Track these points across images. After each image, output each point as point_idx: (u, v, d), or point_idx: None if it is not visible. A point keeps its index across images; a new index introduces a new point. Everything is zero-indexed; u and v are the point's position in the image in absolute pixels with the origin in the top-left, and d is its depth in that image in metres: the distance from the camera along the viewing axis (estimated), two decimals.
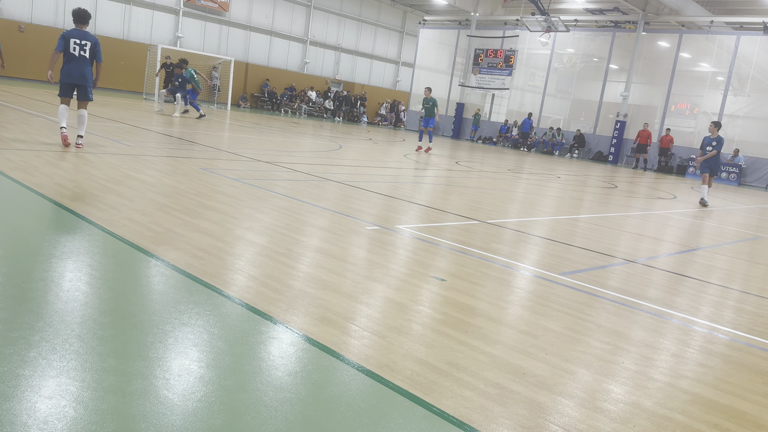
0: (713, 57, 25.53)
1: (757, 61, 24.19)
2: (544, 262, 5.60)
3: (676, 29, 26.71)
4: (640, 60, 26.97)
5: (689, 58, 26.22)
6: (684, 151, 25.39)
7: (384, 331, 3.26)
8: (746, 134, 24.37)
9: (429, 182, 11.23)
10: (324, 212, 6.40)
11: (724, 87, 24.64)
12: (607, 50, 28.08)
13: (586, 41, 29.40)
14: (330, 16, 36.09)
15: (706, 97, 25.68)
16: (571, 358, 3.25)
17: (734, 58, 24.26)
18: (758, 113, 24.23)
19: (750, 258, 7.50)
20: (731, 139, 24.29)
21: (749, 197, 17.99)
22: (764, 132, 23.79)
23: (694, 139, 25.58)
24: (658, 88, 26.80)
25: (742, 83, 24.57)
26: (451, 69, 34.14)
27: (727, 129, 24.64)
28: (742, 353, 3.73)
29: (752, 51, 24.06)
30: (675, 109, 26.32)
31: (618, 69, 28.29)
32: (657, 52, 27.08)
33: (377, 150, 17.08)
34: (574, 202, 11.23)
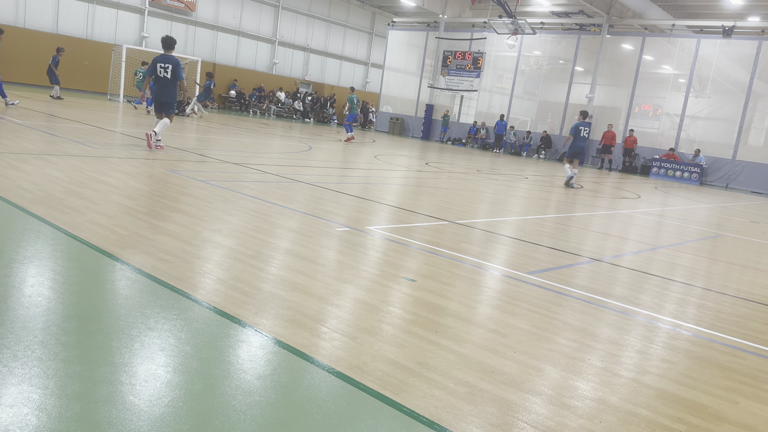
0: (675, 59, 26.18)
1: (716, 64, 24.88)
2: (512, 262, 5.67)
3: (639, 32, 27.32)
4: (604, 62, 27.50)
5: (652, 61, 26.84)
6: (648, 152, 25.97)
7: (354, 332, 3.26)
8: (707, 135, 25.05)
9: (399, 183, 11.26)
10: (294, 214, 6.36)
11: (685, 89, 25.29)
12: (573, 53, 28.57)
13: (552, 44, 29.84)
14: (299, 17, 35.94)
15: (668, 99, 26.32)
16: (539, 355, 3.30)
17: (695, 61, 24.92)
18: (718, 114, 24.93)
19: (711, 255, 7.71)
20: (693, 139, 24.95)
21: (710, 196, 18.50)
22: (724, 133, 24.48)
23: (657, 140, 26.19)
24: (623, 89, 27.37)
25: (702, 85, 25.25)
26: (420, 70, 34.30)
27: (689, 130, 25.31)
28: (703, 348, 3.84)
29: (712, 54, 24.74)
30: (639, 110, 26.91)
31: (583, 71, 28.79)
32: (621, 54, 27.65)
33: (347, 151, 17.06)
34: (541, 202, 11.39)
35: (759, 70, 23.53)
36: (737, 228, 11.10)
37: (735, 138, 23.99)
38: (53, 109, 15.82)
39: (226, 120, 23.21)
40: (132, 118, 17.25)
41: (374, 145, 21.77)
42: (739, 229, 11.02)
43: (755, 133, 24.65)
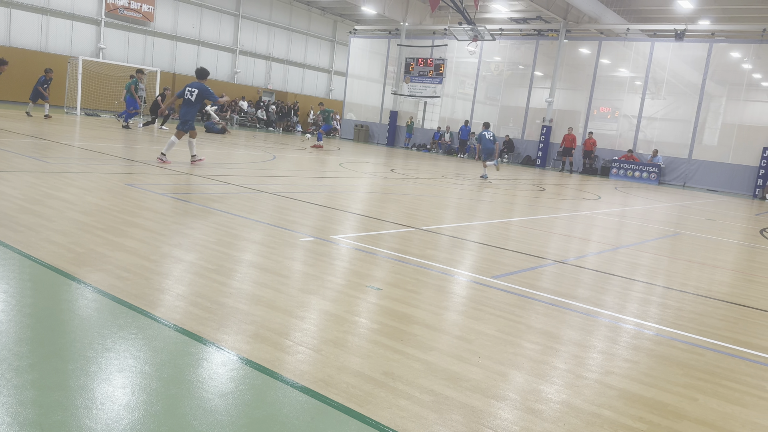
0: (631, 63, 26.86)
1: (670, 66, 25.62)
2: (477, 267, 5.71)
3: (595, 37, 27.95)
4: (563, 67, 28.04)
5: (609, 64, 27.48)
6: (607, 153, 26.54)
7: (319, 344, 3.22)
8: (664, 136, 25.73)
9: (365, 191, 11.25)
10: (257, 225, 6.29)
11: (641, 91, 25.95)
12: (532, 58, 29.06)
13: (511, 49, 30.31)
14: (259, 26, 35.72)
15: (625, 101, 26.97)
16: (504, 360, 3.31)
17: (650, 64, 25.60)
18: (674, 115, 25.65)
19: (671, 254, 7.90)
20: (650, 140, 25.60)
21: (669, 195, 18.98)
22: (680, 133, 25.19)
23: (616, 141, 26.80)
24: (581, 93, 27.95)
25: (658, 87, 25.96)
26: (383, 77, 34.43)
27: (646, 131, 25.96)
28: (664, 347, 3.92)
29: (666, 57, 25.46)
30: (597, 113, 27.51)
31: (543, 76, 29.31)
32: (579, 58, 28.24)
33: (312, 159, 16.99)
34: (505, 206, 11.52)
35: (711, 72, 24.31)
36: (695, 226, 11.41)
37: (690, 138, 24.71)
38: (4, 123, 15.36)
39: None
40: (90, 131, 16.86)
41: (339, 153, 21.74)
42: (697, 227, 11.33)
43: (709, 132, 25.44)
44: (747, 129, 24.11)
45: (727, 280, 6.59)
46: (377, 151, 25.81)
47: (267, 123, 34.83)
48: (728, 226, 12.02)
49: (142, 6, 29.76)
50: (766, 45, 23.32)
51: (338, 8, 37.67)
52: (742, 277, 6.90)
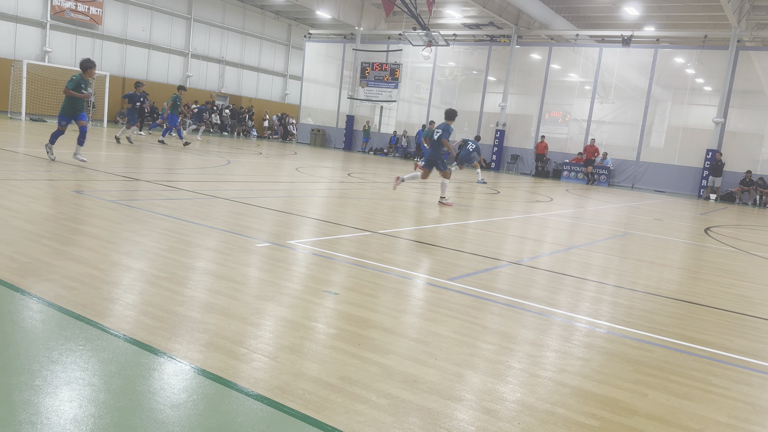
0: (580, 68, 27.59)
1: (618, 71, 26.42)
2: (434, 269, 5.74)
3: (546, 42, 28.60)
4: (515, 72, 28.59)
5: (559, 69, 28.15)
6: (558, 156, 27.17)
7: (275, 351, 3.18)
8: (613, 139, 26.50)
9: (322, 195, 11.20)
10: (211, 231, 6.18)
11: (591, 95, 26.68)
12: (485, 63, 29.52)
13: (465, 55, 30.73)
14: (212, 29, 35.20)
15: (576, 105, 27.67)
16: (460, 361, 3.34)
17: (598, 69, 26.34)
18: (622, 119, 26.46)
19: (621, 254, 8.12)
20: (599, 143, 26.34)
21: (618, 197, 19.55)
22: (628, 136, 25.99)
23: (567, 144, 27.45)
24: (533, 97, 28.54)
25: (606, 92, 26.73)
26: (339, 82, 34.40)
27: (596, 134, 26.68)
28: (615, 344, 4.02)
29: (614, 62, 26.25)
30: (549, 117, 28.14)
31: (496, 81, 29.80)
32: (530, 64, 28.84)
33: (268, 164, 16.82)
34: (462, 209, 11.64)
35: (656, 76, 25.19)
36: (643, 226, 11.77)
37: (638, 141, 25.52)
38: None
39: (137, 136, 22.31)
40: (36, 137, 16.28)
41: (296, 157, 21.59)
42: (645, 227, 11.70)
43: (656, 135, 26.33)
44: (691, 132, 25.07)
45: (674, 278, 6.82)
46: (334, 156, 25.74)
47: (221, 127, 34.32)
48: (675, 226, 12.45)
49: (89, 8, 28.96)
50: (707, 51, 24.31)
51: (293, 12, 37.47)
52: (689, 274, 7.15)
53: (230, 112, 35.25)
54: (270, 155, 21.02)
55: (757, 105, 23.94)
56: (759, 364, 3.89)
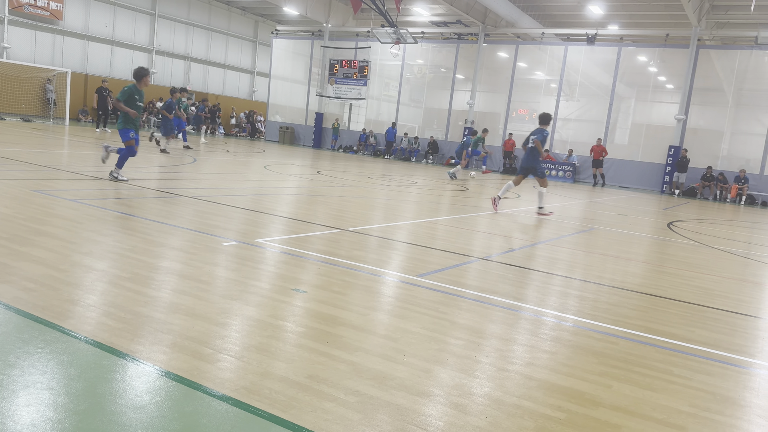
0: (546, 66, 27.95)
1: (583, 69, 26.85)
2: (404, 266, 5.74)
3: (512, 41, 28.89)
4: (482, 70, 28.81)
5: (526, 68, 28.47)
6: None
7: (241, 351, 3.14)
8: (578, 136, 26.92)
9: (291, 193, 11.11)
10: (176, 230, 6.07)
11: (557, 93, 27.05)
12: (453, 61, 29.68)
13: (433, 52, 30.85)
14: (177, 25, 34.61)
15: (542, 103, 28.01)
16: (429, 357, 3.34)
17: (564, 67, 26.72)
18: (587, 116, 26.90)
19: (587, 248, 8.25)
20: (565, 140, 26.75)
21: (583, 193, 19.87)
22: (593, 133, 26.43)
23: None
24: (500, 95, 28.81)
25: (572, 89, 27.14)
26: (307, 79, 34.20)
27: (562, 132, 27.08)
28: (581, 337, 4.07)
29: (579, 60, 26.66)
30: (516, 114, 28.45)
31: (464, 78, 29.99)
32: (497, 62, 29.10)
33: (236, 162, 16.63)
34: (431, 205, 11.69)
35: (620, 74, 25.66)
36: (608, 221, 11.99)
37: (603, 137, 25.96)
38: None
39: (100, 134, 21.83)
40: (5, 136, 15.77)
41: (264, 155, 21.38)
42: (610, 221, 11.91)
43: (620, 132, 26.84)
44: (654, 128, 25.63)
45: (639, 272, 6.95)
46: (303, 153, 25.59)
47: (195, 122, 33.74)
48: (639, 221, 12.71)
49: (49, 3, 28.18)
50: (669, 49, 24.87)
51: (259, 8, 37.08)
52: (653, 268, 7.30)
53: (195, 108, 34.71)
54: (237, 153, 20.77)
55: (716, 102, 24.59)
56: (719, 354, 3.99)
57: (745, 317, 5.16)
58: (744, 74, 23.65)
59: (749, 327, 4.87)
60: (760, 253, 9.58)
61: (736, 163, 23.45)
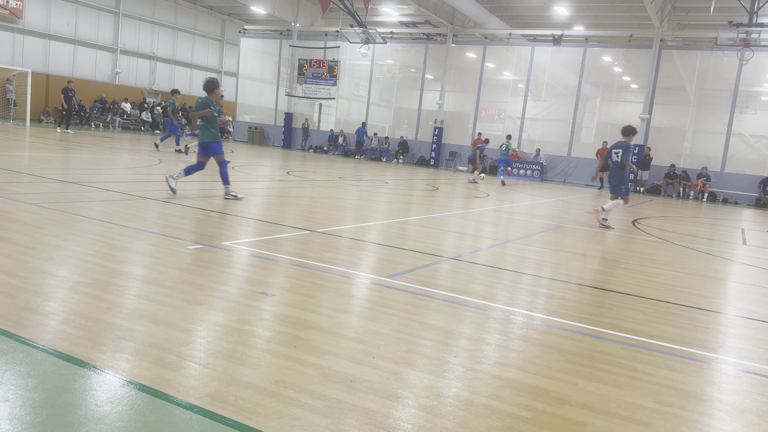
0: (514, 66, 28.24)
1: (549, 70, 27.20)
2: (374, 267, 5.73)
3: (480, 41, 29.13)
4: (451, 70, 28.98)
5: (494, 68, 28.73)
6: (495, 153, 27.72)
7: (206, 358, 3.08)
8: (545, 135, 27.28)
9: (260, 194, 10.99)
10: (140, 234, 5.95)
11: (524, 93, 27.36)
12: (422, 61, 29.80)
13: (402, 53, 30.91)
14: (142, 24, 34.00)
15: (510, 103, 28.33)
16: (398, 359, 3.34)
17: (531, 67, 27.05)
18: (554, 116, 27.27)
19: (555, 247, 8.35)
20: (533, 140, 27.09)
21: (551, 191, 20.13)
22: (560, 133, 26.82)
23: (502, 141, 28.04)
24: (469, 95, 29.02)
25: (539, 89, 27.48)
26: (276, 78, 33.95)
27: (530, 131, 27.41)
28: (548, 335, 4.11)
29: (545, 60, 27.01)
30: (485, 114, 28.69)
31: (433, 79, 30.12)
32: (466, 62, 29.31)
33: None
34: (402, 206, 11.70)
35: (586, 74, 26.08)
36: (574, 219, 12.16)
37: (569, 137, 26.37)
38: None
39: (63, 135, 21.32)
40: None
41: (233, 155, 21.13)
42: (576, 220, 12.09)
43: (586, 131, 27.28)
44: (619, 127, 26.02)
45: (604, 269, 7.06)
46: (273, 154, 25.38)
47: (153, 125, 33.24)
48: None
49: (8, 2, 27.40)
50: (633, 49, 25.36)
51: (226, 7, 36.66)
52: (618, 265, 7.42)
53: (162, 109, 34.16)
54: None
55: (679, 101, 25.17)
56: (682, 349, 4.07)
57: (707, 312, 5.28)
58: (705, 74, 24.25)
59: (711, 322, 4.98)
60: (722, 249, 9.83)
61: (698, 161, 24.04)
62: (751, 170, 23.38)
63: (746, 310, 5.55)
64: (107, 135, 25.35)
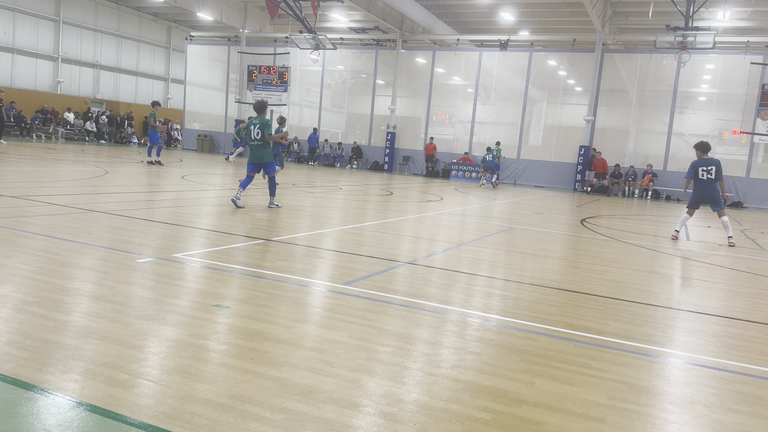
0: (462, 71, 28.66)
1: (497, 74, 27.72)
2: (331, 274, 5.70)
3: (430, 47, 29.45)
4: (402, 75, 29.19)
5: (443, 73, 29.08)
6: (446, 157, 28.07)
7: (160, 374, 3.00)
8: (495, 138, 27.74)
9: (213, 204, 10.80)
10: (87, 248, 5.76)
11: (473, 97, 27.80)
12: (373, 66, 29.91)
13: (353, 58, 30.97)
14: (84, 32, 33.00)
15: (460, 107, 28.73)
16: (357, 367, 3.32)
17: (479, 72, 27.51)
18: (503, 119, 27.79)
19: (507, 248, 8.50)
20: (483, 143, 27.53)
21: (502, 193, 20.49)
22: (509, 135, 27.34)
23: (454, 145, 28.43)
24: (420, 100, 29.29)
25: (487, 93, 27.96)
26: (225, 85, 33.47)
27: (480, 135, 27.84)
28: (504, 336, 4.18)
29: (493, 65, 27.51)
30: (436, 119, 29.01)
31: (384, 84, 30.27)
32: (416, 67, 29.57)
33: (151, 173, 15.99)
34: (357, 211, 11.69)
35: (532, 78, 26.68)
36: (526, 220, 12.41)
37: (518, 139, 26.92)
38: None
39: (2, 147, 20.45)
40: None
41: (181, 164, 20.71)
42: (528, 220, 12.34)
43: (534, 134, 27.90)
44: (566, 129, 26.80)
45: (556, 269, 7.23)
46: (224, 162, 24.97)
47: (98, 135, 32.27)
48: (554, 219, 13.23)
49: None
50: (576, 53, 26.10)
51: (172, 14, 35.94)
52: (569, 264, 7.61)
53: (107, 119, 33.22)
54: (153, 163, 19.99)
55: (621, 103, 26.03)
56: (632, 345, 4.20)
57: (655, 308, 5.46)
58: (645, 76, 25.16)
59: (659, 317, 5.16)
60: (667, 244, 10.20)
61: (642, 160, 24.88)
62: None
63: (692, 304, 5.77)
64: (50, 146, 24.46)
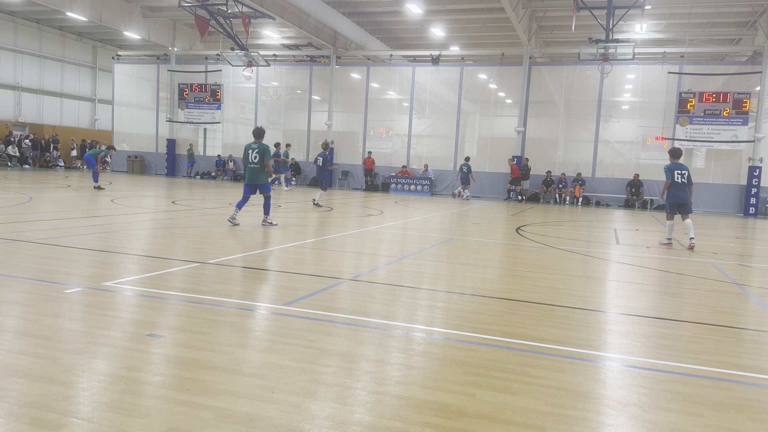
0: (397, 86, 29.02)
1: (430, 88, 28.22)
2: (270, 295, 5.61)
3: (364, 62, 29.68)
4: (337, 91, 29.27)
5: (378, 88, 29.36)
6: (385, 170, 28.26)
7: (90, 412, 2.86)
8: (432, 151, 28.21)
9: (145, 227, 10.45)
10: (8, 281, 5.45)
11: (409, 111, 28.18)
12: (308, 82, 29.87)
13: (287, 74, 30.82)
14: (2, 52, 31.47)
15: (396, 121, 29.02)
16: (299, 390, 3.27)
17: (413, 86, 27.93)
18: (438, 132, 28.28)
19: (448, 259, 8.60)
20: (421, 156, 27.90)
21: (441, 205, 20.79)
22: (445, 148, 27.83)
23: (392, 158, 28.67)
24: (357, 115, 29.43)
25: (422, 107, 28.40)
26: (155, 104, 32.60)
27: (417, 148, 28.20)
28: (445, 348, 4.21)
29: (426, 80, 28.00)
30: (373, 133, 29.20)
31: (320, 100, 30.26)
32: (351, 83, 29.73)
33: (79, 198, 15.34)
34: (297, 228, 11.57)
35: (464, 92, 27.30)
36: (464, 231, 12.62)
37: (453, 151, 27.43)
38: None
39: None
40: None
41: (111, 187, 19.97)
42: (466, 231, 12.55)
43: (468, 145, 28.49)
44: (498, 140, 27.52)
45: (494, 278, 7.37)
46: (156, 183, 24.26)
47: (21, 160, 30.75)
48: (491, 228, 13.52)
49: None
50: (506, 67, 26.90)
51: (97, 33, 34.80)
52: (506, 272, 7.78)
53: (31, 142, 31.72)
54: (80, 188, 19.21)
55: (549, 114, 26.98)
56: (569, 350, 4.32)
57: (589, 312, 5.65)
58: (571, 87, 26.19)
59: (593, 321, 5.33)
60: (598, 249, 10.59)
61: (571, 168, 25.81)
62: (620, 174, 25.46)
63: (624, 307, 6.00)
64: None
